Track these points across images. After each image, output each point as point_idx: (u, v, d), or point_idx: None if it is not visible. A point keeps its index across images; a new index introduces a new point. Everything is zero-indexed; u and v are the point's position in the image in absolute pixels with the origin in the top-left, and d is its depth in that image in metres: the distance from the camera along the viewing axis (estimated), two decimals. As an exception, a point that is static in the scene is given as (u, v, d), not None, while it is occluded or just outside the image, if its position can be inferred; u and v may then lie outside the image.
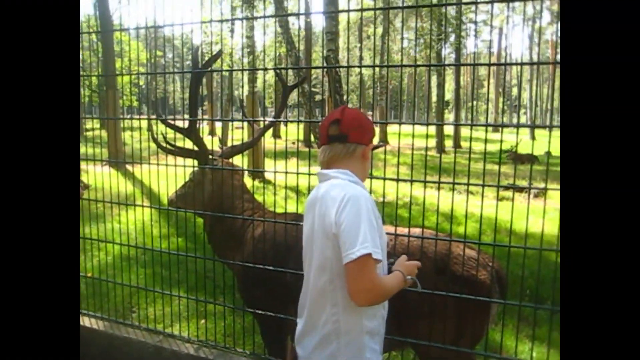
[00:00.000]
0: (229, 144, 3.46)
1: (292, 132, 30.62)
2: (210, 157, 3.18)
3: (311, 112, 10.13)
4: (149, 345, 3.12)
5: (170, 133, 3.17)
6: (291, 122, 3.13)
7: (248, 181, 12.53)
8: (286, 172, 2.71)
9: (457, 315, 2.42)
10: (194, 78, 2.81)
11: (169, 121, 3.03)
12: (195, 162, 3.15)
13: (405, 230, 2.60)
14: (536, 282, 4.54)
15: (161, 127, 3.19)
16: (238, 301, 3.44)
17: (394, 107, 49.70)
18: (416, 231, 2.64)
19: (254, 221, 2.99)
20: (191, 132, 2.98)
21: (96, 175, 3.91)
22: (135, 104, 30.68)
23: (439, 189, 2.90)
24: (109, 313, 3.68)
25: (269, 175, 13.21)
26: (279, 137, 31.12)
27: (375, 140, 2.06)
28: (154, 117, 3.34)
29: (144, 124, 5.46)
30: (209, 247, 3.30)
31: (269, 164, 15.19)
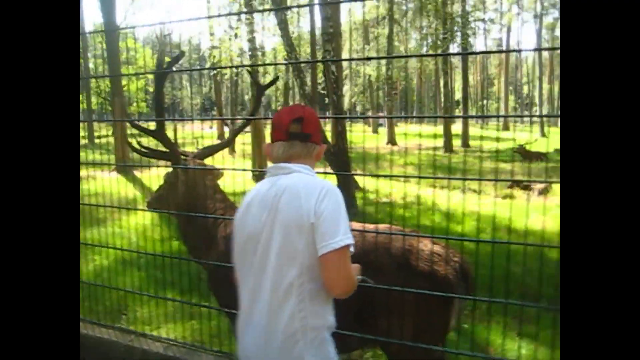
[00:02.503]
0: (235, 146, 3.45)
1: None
2: (183, 158, 3.21)
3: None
4: (119, 345, 3.15)
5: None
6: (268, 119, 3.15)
7: (251, 183, 12.57)
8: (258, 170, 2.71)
9: (418, 311, 2.40)
10: (157, 79, 2.83)
11: (137, 123, 3.06)
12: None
13: (369, 227, 2.59)
14: (505, 278, 4.50)
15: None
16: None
17: (404, 107, 49.62)
18: (381, 227, 2.63)
19: (224, 220, 3.00)
20: (159, 134, 3.01)
21: (103, 181, 3.91)
22: (145, 110, 30.95)
23: (434, 186, 2.82)
24: (98, 317, 3.71)
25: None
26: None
27: (382, 141, 2.06)
28: (157, 120, 3.30)
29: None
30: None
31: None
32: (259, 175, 13.45)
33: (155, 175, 3.49)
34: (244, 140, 16.79)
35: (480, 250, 2.57)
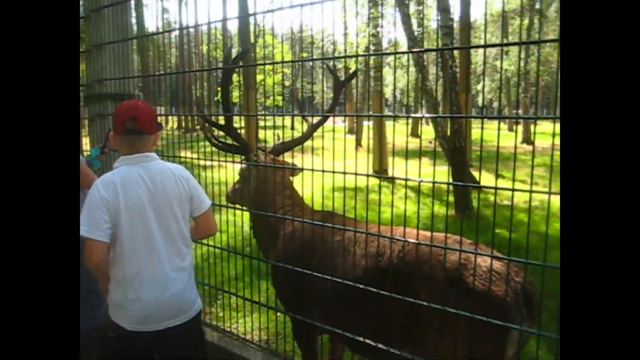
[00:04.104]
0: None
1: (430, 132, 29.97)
2: (260, 151, 3.24)
3: (435, 109, 9.79)
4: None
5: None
6: (354, 116, 3.06)
7: (374, 180, 12.55)
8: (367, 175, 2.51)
9: (467, 333, 2.10)
10: (224, 74, 2.86)
11: (209, 118, 3.13)
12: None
13: (425, 235, 2.38)
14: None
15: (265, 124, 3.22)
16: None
17: (546, 104, 46.27)
18: (438, 237, 2.39)
19: (286, 219, 2.97)
20: (228, 128, 3.05)
21: (228, 170, 3.91)
22: (281, 103, 32.13)
23: (530, 193, 2.27)
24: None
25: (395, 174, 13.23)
26: (418, 136, 30.58)
27: (509, 141, 1.95)
28: (234, 114, 3.38)
29: (286, 122, 5.57)
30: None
31: (398, 162, 15.12)
32: (378, 171, 13.39)
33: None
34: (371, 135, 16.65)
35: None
